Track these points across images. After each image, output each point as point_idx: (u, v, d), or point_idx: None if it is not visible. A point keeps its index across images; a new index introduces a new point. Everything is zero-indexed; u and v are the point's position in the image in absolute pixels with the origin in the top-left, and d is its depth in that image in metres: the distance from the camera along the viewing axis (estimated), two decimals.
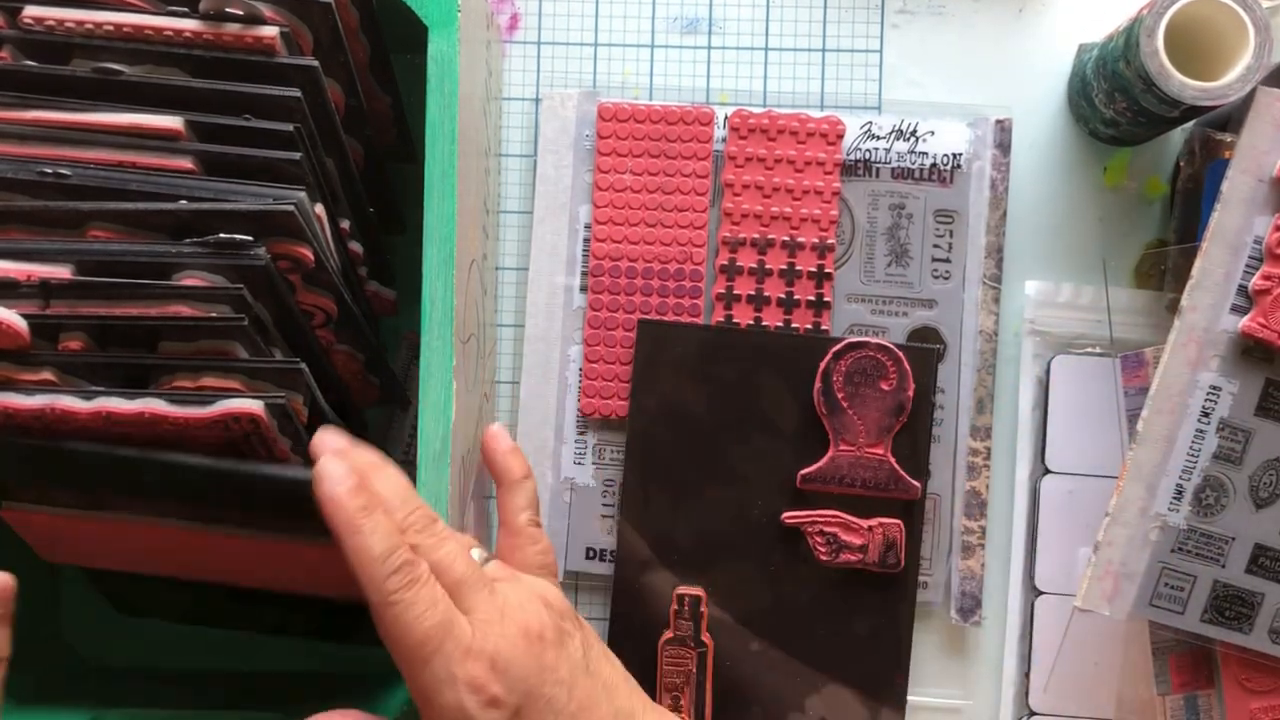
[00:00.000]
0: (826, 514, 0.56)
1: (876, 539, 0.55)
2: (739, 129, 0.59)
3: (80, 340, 0.43)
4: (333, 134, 0.48)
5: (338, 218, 0.50)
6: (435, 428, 0.48)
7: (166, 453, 0.43)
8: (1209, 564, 0.52)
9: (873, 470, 0.56)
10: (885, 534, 0.55)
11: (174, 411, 0.41)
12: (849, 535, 0.55)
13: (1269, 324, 0.50)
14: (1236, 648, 0.53)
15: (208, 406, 0.42)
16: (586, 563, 0.59)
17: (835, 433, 0.56)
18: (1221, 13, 0.51)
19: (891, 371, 0.55)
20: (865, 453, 0.56)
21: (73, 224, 0.44)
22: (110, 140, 0.44)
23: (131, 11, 0.45)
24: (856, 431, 0.55)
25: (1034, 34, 0.61)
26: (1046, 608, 0.58)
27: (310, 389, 0.46)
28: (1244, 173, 0.50)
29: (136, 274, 0.43)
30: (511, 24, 0.62)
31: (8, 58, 0.44)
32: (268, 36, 0.45)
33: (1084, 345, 0.59)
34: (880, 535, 0.55)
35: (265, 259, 0.43)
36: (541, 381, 0.60)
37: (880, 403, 0.55)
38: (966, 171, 0.59)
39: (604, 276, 0.59)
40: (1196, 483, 0.51)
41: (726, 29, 0.61)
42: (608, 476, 0.60)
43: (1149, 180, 0.60)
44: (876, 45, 0.61)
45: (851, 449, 0.56)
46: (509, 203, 0.62)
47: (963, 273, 0.59)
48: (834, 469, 0.56)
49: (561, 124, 0.60)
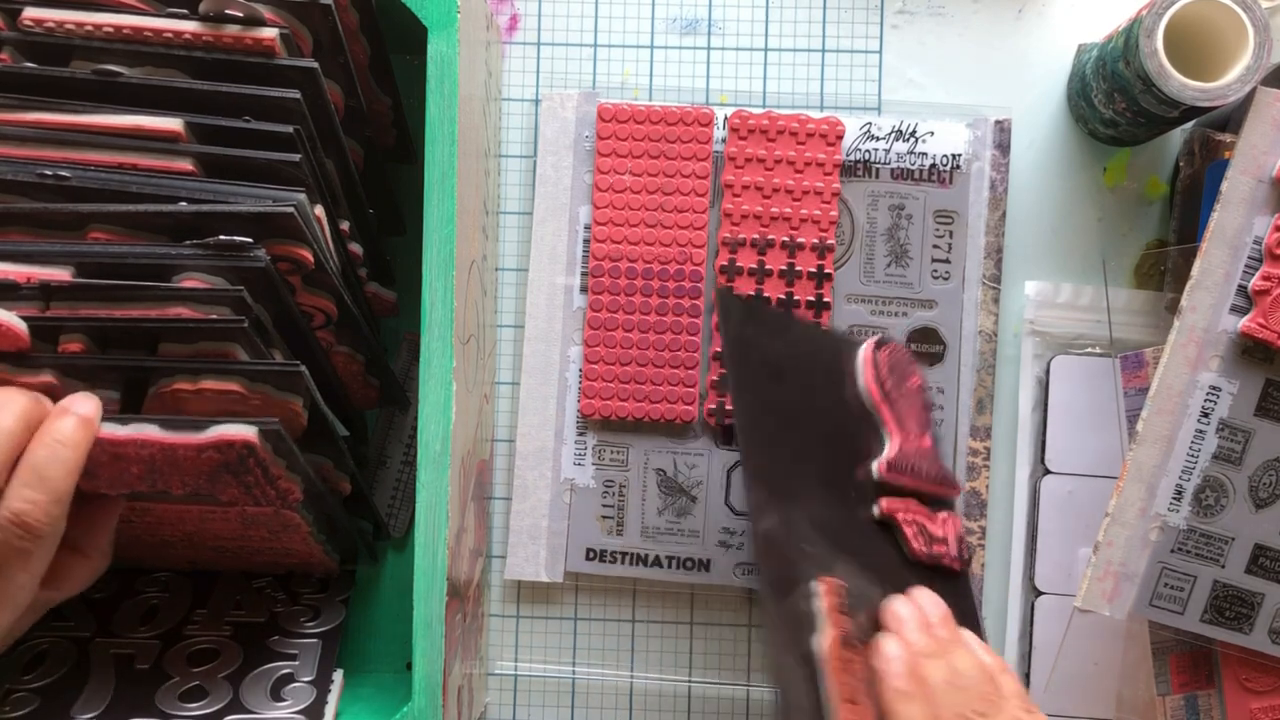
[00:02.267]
0: (912, 503, 0.50)
1: (951, 531, 0.51)
2: (739, 130, 0.59)
3: (80, 342, 0.43)
4: (332, 135, 0.48)
5: (337, 219, 0.50)
6: (435, 428, 0.48)
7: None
8: (1209, 564, 0.52)
9: (928, 462, 0.51)
10: (955, 526, 0.51)
11: (167, 438, 0.42)
12: (933, 526, 0.50)
13: (1269, 324, 0.50)
14: (1236, 648, 0.53)
15: (201, 432, 0.42)
16: (586, 563, 0.60)
17: (896, 422, 0.51)
18: (1221, 13, 0.51)
19: (915, 369, 0.53)
20: (921, 444, 0.52)
21: (73, 226, 0.44)
22: (110, 142, 0.44)
23: (131, 13, 0.45)
24: (909, 423, 0.51)
25: (1033, 34, 0.61)
26: (1046, 608, 0.58)
27: (310, 391, 0.46)
28: (1244, 173, 0.51)
29: (136, 276, 0.43)
30: (511, 25, 0.62)
31: (8, 59, 0.44)
32: (267, 38, 0.45)
33: (1084, 345, 0.59)
34: (953, 528, 0.51)
35: (265, 260, 0.43)
36: (541, 382, 0.60)
37: (916, 398, 0.52)
38: (966, 172, 0.59)
39: (604, 277, 0.59)
40: (1196, 483, 0.51)
41: (726, 30, 0.61)
42: (608, 477, 0.60)
43: (1149, 180, 0.60)
44: (876, 46, 0.61)
45: (909, 441, 0.51)
46: (509, 203, 0.62)
47: (962, 273, 0.59)
48: (904, 459, 0.50)
49: (561, 125, 0.60)
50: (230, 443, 0.42)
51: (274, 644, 0.54)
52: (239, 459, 0.43)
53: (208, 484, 0.44)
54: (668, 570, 0.59)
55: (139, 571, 0.58)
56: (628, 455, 0.60)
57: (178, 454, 0.42)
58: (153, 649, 0.54)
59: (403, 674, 0.58)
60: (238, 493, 0.45)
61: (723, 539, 0.59)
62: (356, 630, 0.59)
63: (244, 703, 0.51)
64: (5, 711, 0.51)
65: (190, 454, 0.42)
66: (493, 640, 0.61)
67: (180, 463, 0.42)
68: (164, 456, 0.42)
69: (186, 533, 0.51)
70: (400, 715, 0.48)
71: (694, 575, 0.59)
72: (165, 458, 0.42)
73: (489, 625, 0.61)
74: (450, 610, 0.49)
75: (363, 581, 0.60)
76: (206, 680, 0.52)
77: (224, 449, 0.42)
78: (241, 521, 0.49)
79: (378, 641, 0.59)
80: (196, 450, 0.42)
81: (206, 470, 0.43)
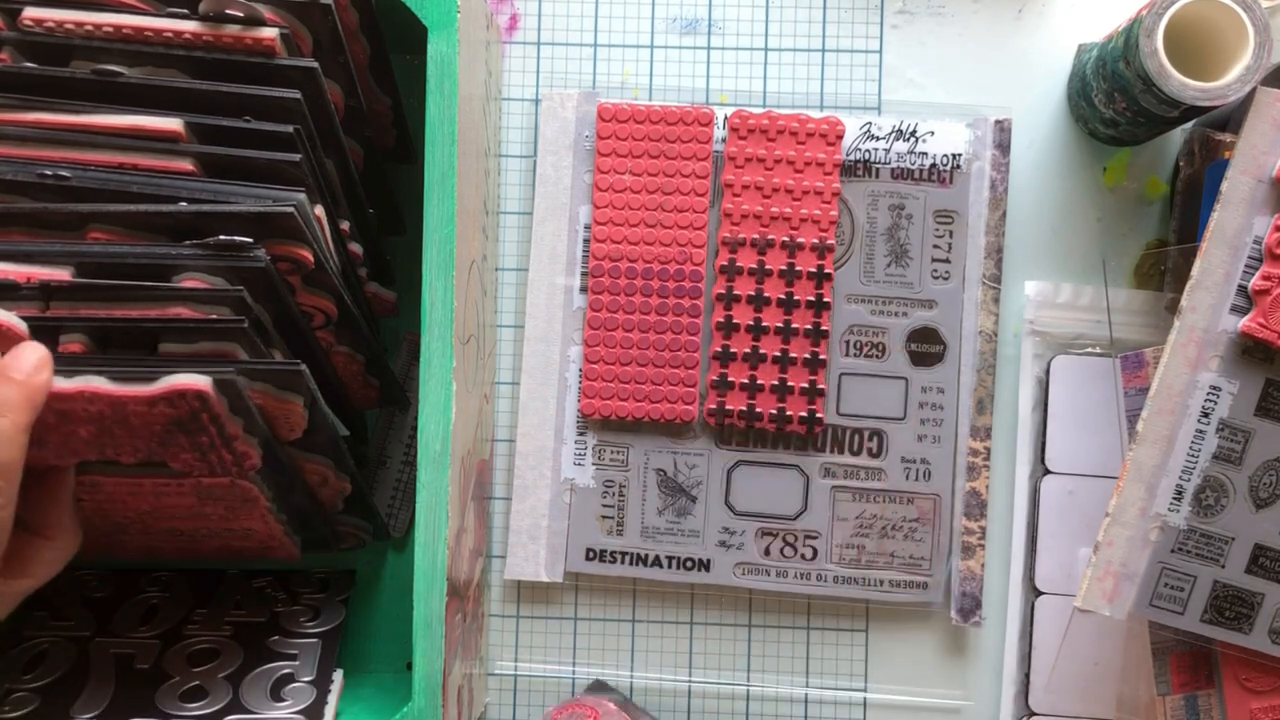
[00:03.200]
0: None
1: None
2: (739, 129, 0.59)
3: (80, 342, 0.43)
4: (332, 135, 0.48)
5: (337, 219, 0.50)
6: (435, 428, 0.48)
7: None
8: (1209, 564, 0.52)
9: None
10: None
11: (115, 390, 0.41)
12: None
13: (1269, 324, 0.50)
14: (1236, 648, 0.53)
15: (151, 384, 0.41)
16: (586, 563, 0.60)
17: None
18: (1221, 13, 0.51)
19: None
20: None
21: (73, 226, 0.44)
22: (110, 142, 0.44)
23: (131, 13, 0.45)
24: None
25: (1033, 34, 0.61)
26: (1046, 608, 0.58)
27: (310, 390, 0.46)
28: (1244, 173, 0.50)
29: (136, 276, 0.43)
30: (511, 24, 0.62)
31: (7, 59, 0.44)
32: (267, 38, 0.45)
33: (1084, 345, 0.59)
34: None
35: (265, 260, 0.43)
36: (541, 382, 0.60)
37: None
38: (966, 172, 0.59)
39: (604, 277, 0.59)
40: (1196, 483, 0.51)
41: (726, 29, 0.61)
42: (608, 477, 0.60)
43: (1149, 180, 0.60)
44: (876, 46, 0.61)
45: None
46: (509, 203, 0.62)
47: (962, 273, 0.59)
48: None
49: (561, 124, 0.60)
50: (182, 393, 0.41)
51: (274, 644, 0.54)
52: (191, 414, 0.41)
53: (159, 447, 0.43)
54: (668, 570, 0.59)
55: (139, 571, 0.58)
56: (628, 455, 0.60)
57: (128, 409, 0.41)
58: (153, 649, 0.54)
59: (403, 674, 0.58)
60: (192, 458, 0.44)
61: (723, 539, 0.59)
62: (356, 630, 0.59)
63: (244, 703, 0.51)
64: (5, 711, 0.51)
65: (141, 409, 0.41)
66: (493, 640, 0.61)
67: (130, 420, 0.41)
68: (114, 413, 0.41)
69: (140, 513, 0.49)
70: (400, 715, 0.48)
71: (694, 575, 0.59)
72: (115, 414, 0.41)
73: (489, 625, 0.61)
74: (450, 610, 0.49)
75: (363, 581, 0.60)
76: (206, 680, 0.52)
77: (176, 401, 0.41)
78: (197, 496, 0.47)
79: (378, 641, 0.59)
80: (147, 404, 0.41)
81: (159, 429, 0.42)
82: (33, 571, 0.44)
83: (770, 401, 0.58)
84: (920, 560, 0.58)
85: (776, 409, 0.58)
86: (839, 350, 0.59)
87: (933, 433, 0.59)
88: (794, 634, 0.60)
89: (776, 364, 0.58)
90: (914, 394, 0.59)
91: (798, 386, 0.58)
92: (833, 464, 0.59)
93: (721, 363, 0.59)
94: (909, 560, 0.59)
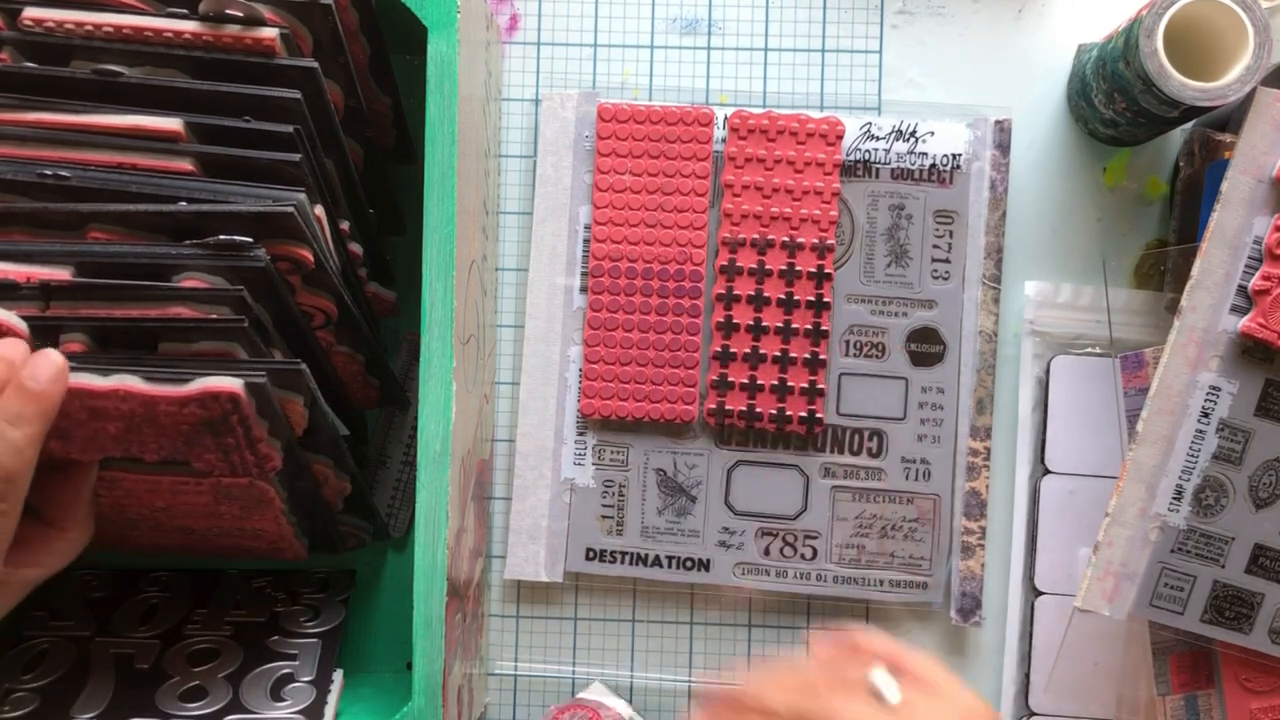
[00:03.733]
0: None
1: None
2: (739, 130, 0.59)
3: (81, 342, 0.43)
4: (332, 135, 0.48)
5: (337, 219, 0.50)
6: (435, 429, 0.48)
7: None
8: (1209, 564, 0.52)
9: None
10: None
11: (148, 389, 0.41)
12: None
13: (1269, 324, 0.50)
14: (1236, 648, 0.53)
15: (185, 385, 0.41)
16: (586, 563, 0.60)
17: None
18: (1221, 13, 0.51)
19: None
20: None
21: (73, 226, 0.44)
22: (110, 142, 0.44)
23: (131, 13, 0.45)
24: None
25: (1033, 34, 0.61)
26: (1046, 608, 0.58)
27: (310, 390, 0.46)
28: (1244, 173, 0.50)
29: (136, 276, 0.43)
30: (511, 25, 0.62)
31: (8, 59, 0.45)
32: (267, 38, 0.45)
33: (1084, 345, 0.59)
34: None
35: (265, 260, 0.43)
36: (541, 382, 0.60)
37: None
38: (966, 172, 0.59)
39: (604, 277, 0.59)
40: (1196, 483, 0.51)
41: (726, 29, 0.61)
42: (608, 477, 0.60)
43: (1149, 180, 0.60)
44: (876, 46, 0.61)
45: None
46: (509, 203, 0.62)
47: (962, 273, 0.59)
48: None
49: (561, 125, 0.60)
50: (215, 394, 0.41)
51: (274, 644, 0.54)
52: (222, 416, 0.42)
53: (184, 447, 0.43)
54: (668, 570, 0.59)
55: (139, 571, 0.58)
56: (628, 455, 0.60)
57: (158, 409, 0.41)
58: (153, 649, 0.54)
59: (403, 674, 0.58)
60: (215, 458, 0.44)
61: (723, 539, 0.59)
62: (356, 630, 0.59)
63: (244, 703, 0.51)
64: (5, 711, 0.51)
65: (172, 409, 0.41)
66: (493, 640, 0.61)
67: (159, 419, 0.41)
68: (144, 411, 0.41)
69: (154, 510, 0.49)
70: (400, 715, 0.48)
71: (694, 575, 0.59)
72: (145, 413, 0.41)
73: (489, 625, 0.61)
74: (450, 610, 0.49)
75: (363, 581, 0.60)
76: (206, 680, 0.52)
77: (208, 403, 0.41)
78: (214, 495, 0.48)
79: (378, 641, 0.59)
80: (179, 404, 0.41)
81: (186, 429, 0.42)
82: (43, 561, 0.44)
83: (770, 401, 0.58)
84: (920, 560, 0.58)
85: (776, 409, 0.58)
86: (839, 350, 0.59)
87: (933, 433, 0.59)
88: (794, 634, 0.60)
89: (776, 364, 0.58)
90: (914, 394, 0.59)
91: (798, 386, 0.58)
92: (833, 464, 0.59)
93: (721, 363, 0.59)
94: (909, 560, 0.59)
